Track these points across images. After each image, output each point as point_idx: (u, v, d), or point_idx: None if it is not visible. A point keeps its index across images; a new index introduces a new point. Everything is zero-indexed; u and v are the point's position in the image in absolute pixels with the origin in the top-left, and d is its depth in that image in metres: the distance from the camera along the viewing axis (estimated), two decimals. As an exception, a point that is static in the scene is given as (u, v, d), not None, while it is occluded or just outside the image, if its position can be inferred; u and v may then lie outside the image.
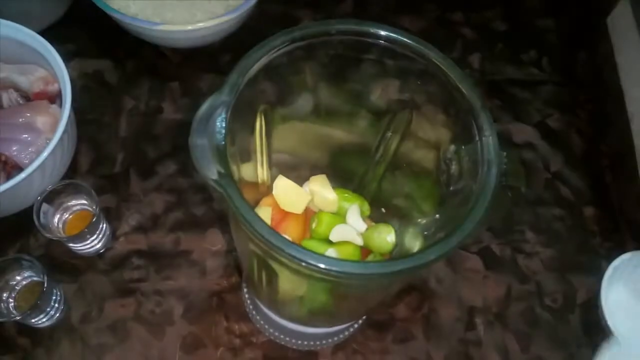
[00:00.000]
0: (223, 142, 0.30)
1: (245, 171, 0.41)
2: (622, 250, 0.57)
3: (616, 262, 0.55)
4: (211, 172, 0.29)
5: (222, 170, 0.29)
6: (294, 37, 0.34)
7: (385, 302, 0.54)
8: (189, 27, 0.58)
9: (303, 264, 0.27)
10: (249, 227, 0.28)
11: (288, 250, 0.27)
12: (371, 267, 0.28)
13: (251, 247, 0.32)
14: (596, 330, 0.55)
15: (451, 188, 0.37)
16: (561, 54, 0.72)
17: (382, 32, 0.35)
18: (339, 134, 0.46)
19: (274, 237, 0.28)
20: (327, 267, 0.27)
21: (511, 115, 0.67)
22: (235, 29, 0.64)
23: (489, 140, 0.32)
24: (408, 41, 0.34)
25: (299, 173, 0.47)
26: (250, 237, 0.29)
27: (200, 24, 0.58)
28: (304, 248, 0.28)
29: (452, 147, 0.37)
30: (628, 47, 0.65)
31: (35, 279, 0.51)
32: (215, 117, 0.30)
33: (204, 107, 0.30)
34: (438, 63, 0.34)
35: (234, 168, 0.36)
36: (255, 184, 0.44)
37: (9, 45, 0.56)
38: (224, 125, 0.30)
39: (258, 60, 0.33)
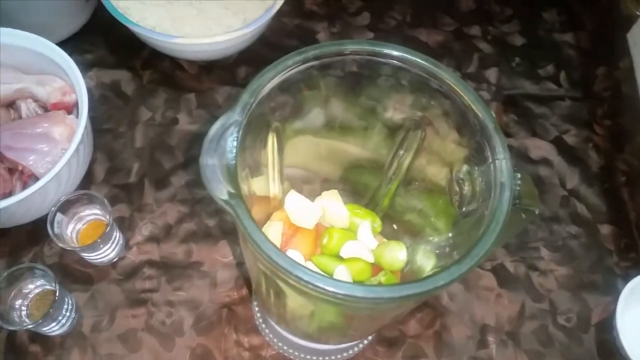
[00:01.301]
0: (234, 162, 0.30)
1: (257, 185, 0.41)
2: (639, 270, 0.56)
3: (633, 283, 0.54)
4: (221, 192, 0.29)
5: (232, 191, 0.29)
6: (306, 57, 0.34)
7: (396, 319, 0.53)
8: (206, 41, 0.58)
9: (310, 286, 0.27)
10: (256, 248, 0.28)
11: (295, 272, 0.27)
12: (378, 292, 0.28)
13: (259, 266, 0.32)
14: (611, 351, 0.54)
15: (464, 209, 0.36)
16: (579, 69, 0.71)
17: (395, 53, 0.35)
18: (352, 149, 0.46)
19: (281, 259, 0.28)
20: (334, 291, 0.27)
21: (528, 131, 0.67)
22: (251, 42, 0.64)
23: (502, 163, 0.32)
24: (421, 61, 0.34)
25: (311, 188, 0.47)
26: (258, 257, 0.29)
27: (217, 38, 0.58)
28: (311, 271, 0.27)
29: (465, 168, 0.36)
30: (648, 64, 0.64)
31: (47, 287, 0.51)
32: (227, 137, 0.30)
33: (215, 127, 0.31)
34: (451, 84, 0.34)
35: (244, 183, 0.36)
36: (267, 198, 0.44)
37: (28, 56, 0.57)
38: (235, 144, 0.30)
39: (271, 80, 0.33)
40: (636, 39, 0.67)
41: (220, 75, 0.67)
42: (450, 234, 0.40)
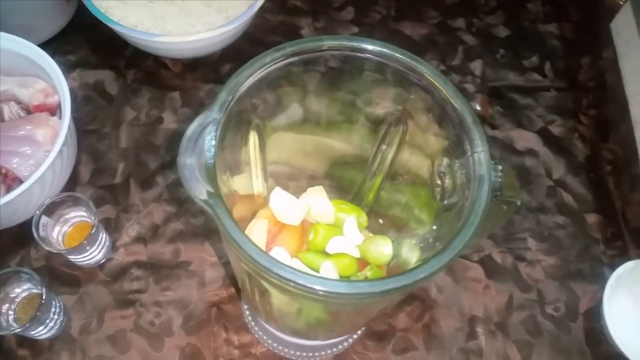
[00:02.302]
0: (212, 161, 0.30)
1: (240, 184, 0.41)
2: (626, 258, 0.57)
3: (619, 271, 0.54)
4: (200, 191, 0.29)
5: (212, 190, 0.29)
6: (285, 54, 0.34)
7: (384, 312, 0.54)
8: (189, 38, 0.58)
9: (291, 284, 0.27)
10: (237, 247, 0.28)
11: (275, 270, 0.27)
12: (360, 287, 0.28)
13: (242, 265, 0.32)
14: (598, 339, 0.55)
15: (445, 202, 0.36)
16: (564, 59, 0.71)
17: (374, 48, 0.35)
18: (336, 144, 0.46)
19: (262, 258, 0.27)
20: (316, 288, 0.27)
21: (513, 122, 0.67)
22: (235, 39, 0.64)
23: (480, 156, 0.32)
24: (399, 56, 0.34)
25: (297, 184, 0.47)
26: (239, 256, 0.29)
27: (200, 35, 0.58)
28: (292, 268, 0.27)
29: (446, 161, 0.36)
30: (632, 53, 0.64)
31: (34, 291, 0.51)
32: (205, 136, 0.30)
33: (193, 126, 0.30)
34: (430, 77, 0.34)
35: (225, 182, 0.36)
36: (251, 196, 0.44)
37: (9, 57, 0.57)
38: (213, 143, 0.30)
39: (249, 78, 0.33)
40: (619, 29, 0.67)
41: (204, 73, 0.67)
42: (434, 227, 0.40)
